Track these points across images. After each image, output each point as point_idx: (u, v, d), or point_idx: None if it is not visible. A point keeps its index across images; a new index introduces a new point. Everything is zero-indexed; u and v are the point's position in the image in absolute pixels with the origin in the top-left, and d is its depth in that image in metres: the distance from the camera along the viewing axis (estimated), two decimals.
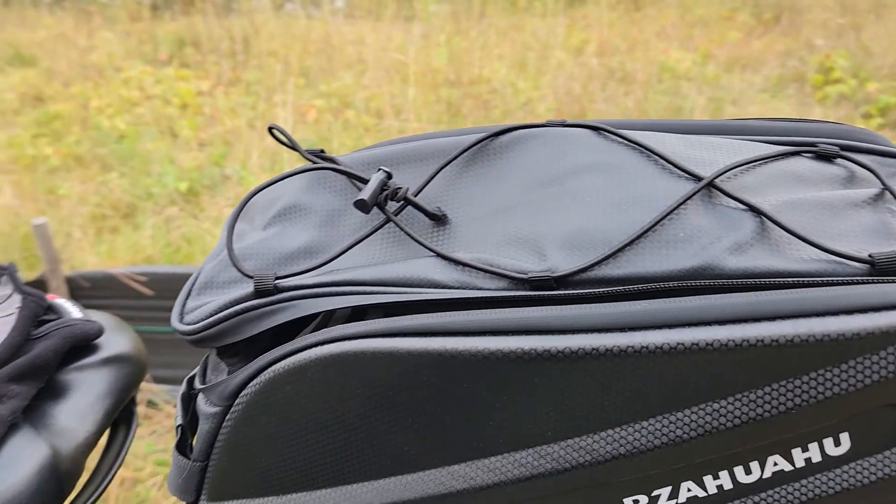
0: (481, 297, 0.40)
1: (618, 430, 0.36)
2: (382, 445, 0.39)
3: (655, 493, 0.38)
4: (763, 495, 0.38)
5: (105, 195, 2.56)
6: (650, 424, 0.36)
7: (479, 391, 0.37)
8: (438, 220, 0.46)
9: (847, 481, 0.37)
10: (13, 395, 0.50)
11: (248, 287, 0.45)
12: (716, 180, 0.41)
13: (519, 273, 0.40)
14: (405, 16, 4.23)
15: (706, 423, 0.35)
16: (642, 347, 0.34)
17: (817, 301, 0.34)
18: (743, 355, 0.34)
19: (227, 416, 0.42)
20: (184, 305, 0.48)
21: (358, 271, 0.43)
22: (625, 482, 0.38)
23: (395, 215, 0.46)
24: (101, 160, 2.85)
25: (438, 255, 0.43)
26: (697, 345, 0.34)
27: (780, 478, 0.38)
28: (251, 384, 0.41)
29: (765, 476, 0.38)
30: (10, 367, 0.51)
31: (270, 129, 0.50)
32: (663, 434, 0.36)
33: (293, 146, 0.49)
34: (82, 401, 0.54)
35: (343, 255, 0.45)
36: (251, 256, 0.48)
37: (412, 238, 0.44)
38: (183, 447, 0.46)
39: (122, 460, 0.58)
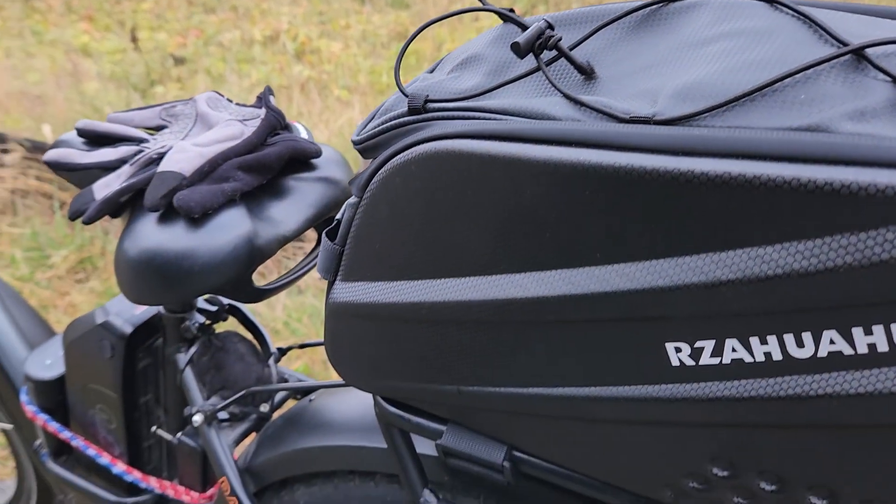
0: None
1: (660, 261, 0.36)
2: (461, 245, 0.43)
3: (699, 344, 0.37)
4: (818, 378, 0.35)
5: None
6: (692, 260, 0.35)
7: (537, 201, 0.39)
8: (586, 73, 0.48)
9: None
10: (238, 179, 0.63)
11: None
12: (868, 50, 0.38)
13: (623, 114, 0.41)
14: None
15: (747, 266, 0.34)
16: (689, 171, 0.34)
17: None
18: (797, 199, 0.32)
19: (360, 205, 0.49)
20: (364, 125, 0.56)
21: (493, 102, 0.47)
22: (666, 325, 0.38)
23: (548, 65, 0.48)
24: None
25: (563, 94, 0.45)
26: (745, 176, 0.32)
27: (837, 361, 0.34)
28: (376, 176, 0.47)
29: (819, 355, 0.35)
30: (240, 158, 0.64)
31: None
32: (703, 272, 0.35)
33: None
34: (290, 203, 0.66)
35: (491, 94, 0.49)
36: (427, 92, 0.54)
37: (548, 78, 0.46)
38: (333, 234, 0.54)
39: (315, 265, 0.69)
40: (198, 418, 0.76)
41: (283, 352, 0.85)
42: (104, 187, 0.66)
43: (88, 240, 2.32)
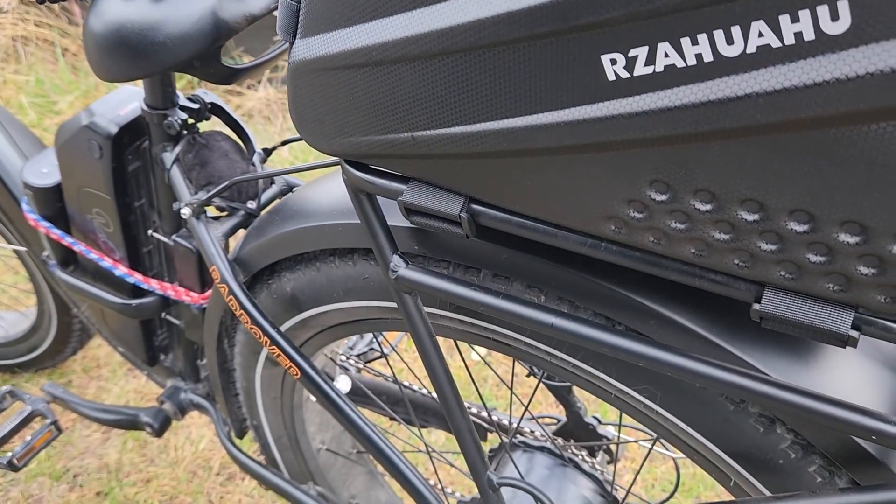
0: None
1: None
2: None
3: (632, 53, 0.37)
4: (747, 77, 0.35)
5: None
6: None
7: None
8: None
9: (841, 70, 0.33)
10: None
11: None
12: None
13: None
14: None
15: None
16: None
17: None
18: None
19: None
20: None
21: None
22: (601, 33, 0.37)
23: None
24: None
25: None
26: None
27: (766, 55, 0.34)
28: None
29: (749, 51, 0.35)
30: None
31: None
32: None
33: None
34: None
35: None
36: None
37: None
38: None
39: None
40: (186, 211, 0.79)
41: (268, 152, 0.86)
42: None
43: (93, 85, 2.32)
